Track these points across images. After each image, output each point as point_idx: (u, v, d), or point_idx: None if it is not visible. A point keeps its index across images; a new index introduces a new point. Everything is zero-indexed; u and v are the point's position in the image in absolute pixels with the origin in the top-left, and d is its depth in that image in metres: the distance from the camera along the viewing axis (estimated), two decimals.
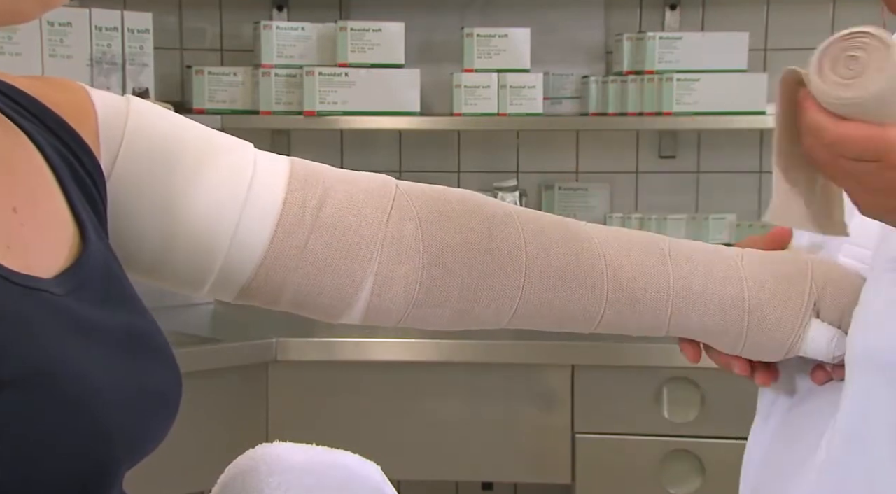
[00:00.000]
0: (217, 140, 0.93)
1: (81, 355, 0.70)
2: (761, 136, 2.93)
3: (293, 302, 0.95)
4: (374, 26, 2.72)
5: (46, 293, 0.71)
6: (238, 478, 0.87)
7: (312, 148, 2.96)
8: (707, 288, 1.01)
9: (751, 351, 1.03)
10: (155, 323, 0.80)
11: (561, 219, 1.03)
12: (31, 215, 0.75)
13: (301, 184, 0.93)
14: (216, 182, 0.90)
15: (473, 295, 0.97)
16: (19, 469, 0.64)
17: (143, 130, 0.89)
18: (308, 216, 0.92)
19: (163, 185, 0.89)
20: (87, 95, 0.88)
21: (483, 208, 0.99)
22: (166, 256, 0.91)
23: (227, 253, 0.91)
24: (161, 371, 0.78)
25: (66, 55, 2.42)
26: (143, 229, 0.89)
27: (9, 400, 0.64)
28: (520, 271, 0.98)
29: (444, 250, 0.96)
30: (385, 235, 0.94)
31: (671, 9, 2.92)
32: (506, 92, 2.74)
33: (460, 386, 2.44)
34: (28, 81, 0.84)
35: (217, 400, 2.34)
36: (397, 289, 0.95)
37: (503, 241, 0.98)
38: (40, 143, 0.80)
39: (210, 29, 2.97)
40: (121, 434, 0.70)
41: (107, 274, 0.79)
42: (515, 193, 2.87)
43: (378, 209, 0.95)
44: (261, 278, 0.92)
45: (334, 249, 0.93)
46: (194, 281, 0.93)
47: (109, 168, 0.87)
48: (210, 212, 0.90)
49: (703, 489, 2.39)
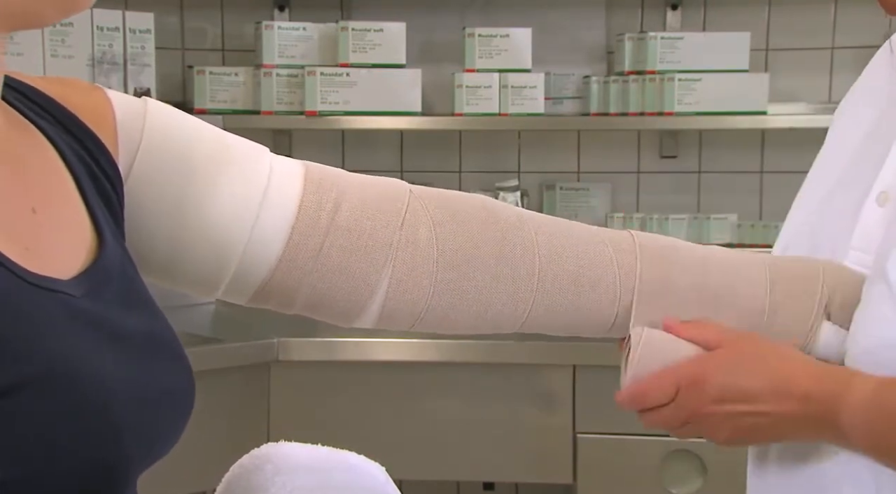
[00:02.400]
0: (234, 144, 0.93)
1: (98, 356, 0.71)
2: (763, 136, 2.93)
3: (307, 305, 0.95)
4: (375, 26, 2.72)
5: (64, 294, 0.71)
6: (243, 477, 0.87)
7: (314, 148, 2.96)
8: (735, 291, 1.02)
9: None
10: (169, 325, 0.81)
11: (575, 224, 1.03)
12: (49, 216, 0.75)
13: (316, 188, 0.93)
14: (232, 185, 0.90)
15: (487, 299, 0.98)
16: (36, 468, 0.65)
17: (161, 133, 0.89)
18: (323, 220, 0.92)
19: (179, 188, 0.89)
20: (106, 97, 0.88)
21: (496, 213, 0.99)
22: (181, 258, 0.91)
23: (242, 256, 0.91)
24: (175, 373, 0.79)
25: (67, 55, 2.42)
26: (159, 230, 0.89)
27: (26, 400, 0.65)
28: (532, 275, 0.98)
29: (458, 254, 0.96)
30: (399, 239, 0.94)
31: (672, 9, 2.92)
32: (507, 92, 2.74)
33: (461, 387, 2.44)
34: (46, 82, 0.84)
35: (219, 399, 2.34)
36: (411, 294, 0.95)
37: (516, 246, 0.98)
38: (58, 144, 0.80)
39: (211, 29, 2.97)
40: (136, 435, 0.70)
41: (123, 275, 0.79)
42: (517, 193, 2.87)
43: (392, 213, 0.95)
44: (275, 281, 0.92)
45: (349, 253, 0.93)
46: (208, 283, 0.93)
47: (127, 169, 0.87)
48: (226, 216, 0.90)
49: (704, 489, 2.39)
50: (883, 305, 0.94)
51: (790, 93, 2.86)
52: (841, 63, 2.88)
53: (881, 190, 1.01)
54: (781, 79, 2.84)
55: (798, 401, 0.94)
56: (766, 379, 0.96)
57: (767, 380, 0.95)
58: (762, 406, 0.95)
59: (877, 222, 1.01)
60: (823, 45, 2.87)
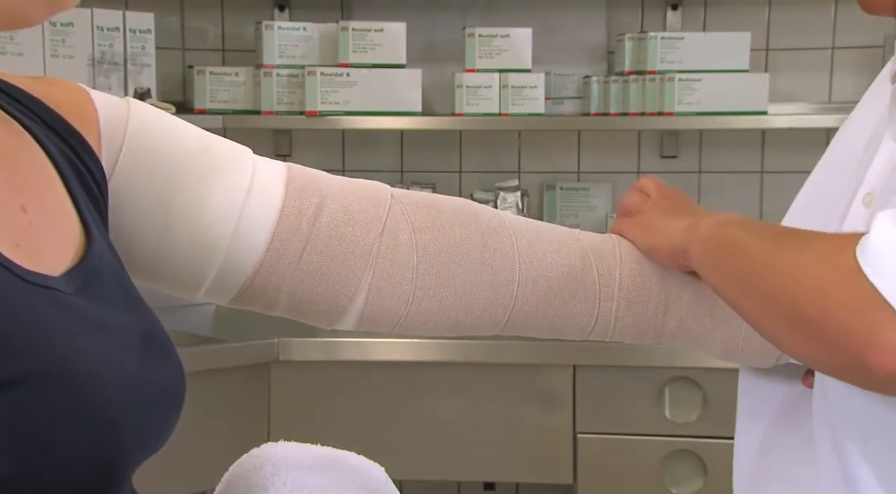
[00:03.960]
0: (216, 145, 0.93)
1: (92, 352, 0.71)
2: (763, 136, 2.93)
3: (288, 308, 0.96)
4: (375, 26, 2.72)
5: (56, 291, 0.72)
6: (243, 477, 0.88)
7: (314, 148, 2.96)
8: (702, 297, 1.02)
9: (743, 359, 1.04)
10: (157, 320, 0.81)
11: (556, 228, 1.03)
12: (38, 214, 0.76)
13: (298, 193, 0.93)
14: (216, 186, 0.90)
15: (466, 304, 0.98)
16: (32, 466, 0.65)
17: (144, 133, 0.89)
18: (305, 225, 0.93)
19: (162, 189, 0.89)
20: (89, 97, 0.88)
21: (477, 218, 1.00)
22: (163, 258, 0.91)
23: (223, 259, 0.91)
24: (167, 368, 0.79)
25: (67, 55, 2.42)
26: (141, 231, 0.90)
27: (24, 397, 0.65)
28: (512, 281, 0.99)
29: (438, 260, 0.97)
30: (380, 245, 0.95)
31: (673, 9, 2.92)
32: (507, 92, 2.74)
33: (462, 386, 2.44)
34: (30, 82, 0.84)
35: (219, 399, 2.34)
36: (391, 299, 0.96)
37: (496, 251, 0.98)
38: (44, 143, 0.80)
39: (212, 29, 2.97)
40: (131, 430, 0.71)
41: (110, 271, 0.80)
42: (517, 193, 2.87)
43: (373, 218, 0.95)
44: (256, 284, 0.93)
45: (329, 258, 0.94)
46: (190, 284, 0.93)
47: (111, 169, 0.87)
48: (208, 218, 0.90)
49: (704, 489, 2.39)
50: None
51: (790, 93, 2.86)
52: (841, 63, 2.88)
53: (867, 191, 1.02)
54: (781, 79, 2.84)
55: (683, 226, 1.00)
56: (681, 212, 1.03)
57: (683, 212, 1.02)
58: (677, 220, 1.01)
59: (863, 222, 1.02)
60: (823, 45, 2.87)
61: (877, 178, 1.02)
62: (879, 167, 1.02)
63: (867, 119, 1.11)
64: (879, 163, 1.02)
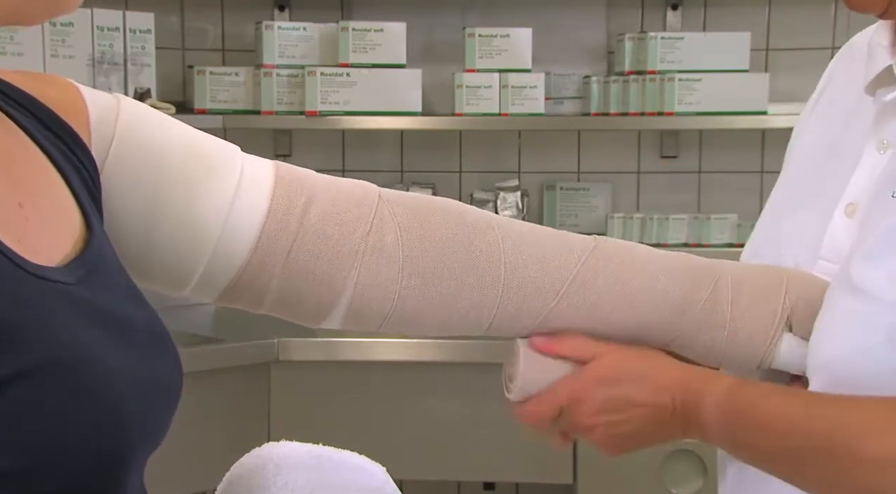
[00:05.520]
0: (205, 143, 0.94)
1: (96, 344, 0.71)
2: (763, 136, 2.93)
3: (274, 306, 0.96)
4: (375, 26, 2.72)
5: (59, 283, 0.72)
6: (244, 477, 0.88)
7: (314, 148, 2.96)
8: (691, 300, 1.02)
9: (725, 364, 1.04)
10: (155, 312, 0.81)
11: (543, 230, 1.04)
12: (35, 209, 0.76)
13: (286, 191, 0.93)
14: (203, 184, 0.91)
15: (451, 305, 0.99)
16: (37, 458, 0.65)
17: (133, 128, 0.89)
18: (292, 223, 0.93)
19: (151, 185, 0.89)
20: (79, 92, 0.89)
21: (464, 219, 1.00)
22: (150, 255, 0.91)
23: (211, 256, 0.91)
24: (165, 359, 0.80)
25: (67, 55, 2.42)
26: (129, 227, 0.90)
27: (27, 388, 0.65)
28: (498, 283, 0.99)
29: (424, 261, 0.97)
30: (366, 245, 0.95)
31: (673, 9, 2.92)
32: (507, 92, 2.74)
33: (462, 386, 2.44)
34: (20, 77, 0.85)
35: (219, 399, 2.34)
36: (376, 298, 0.96)
37: (482, 253, 0.99)
38: (37, 138, 0.81)
39: (212, 29, 2.97)
40: (135, 421, 0.71)
41: (111, 264, 0.80)
42: (517, 193, 2.87)
43: (360, 218, 0.95)
44: (243, 282, 0.93)
45: (316, 258, 0.94)
46: (177, 280, 0.94)
47: (101, 164, 0.88)
48: (196, 215, 0.90)
49: (704, 489, 2.39)
50: (847, 310, 0.94)
51: (790, 93, 2.86)
52: None
53: (849, 201, 1.02)
54: (781, 79, 2.84)
55: (669, 397, 0.99)
56: (639, 384, 1.01)
57: (641, 385, 1.01)
58: (638, 409, 1.01)
59: (845, 233, 1.01)
60: (823, 45, 2.87)
61: (860, 190, 1.02)
62: (863, 178, 1.02)
63: (831, 117, 1.11)
64: (863, 174, 1.02)
